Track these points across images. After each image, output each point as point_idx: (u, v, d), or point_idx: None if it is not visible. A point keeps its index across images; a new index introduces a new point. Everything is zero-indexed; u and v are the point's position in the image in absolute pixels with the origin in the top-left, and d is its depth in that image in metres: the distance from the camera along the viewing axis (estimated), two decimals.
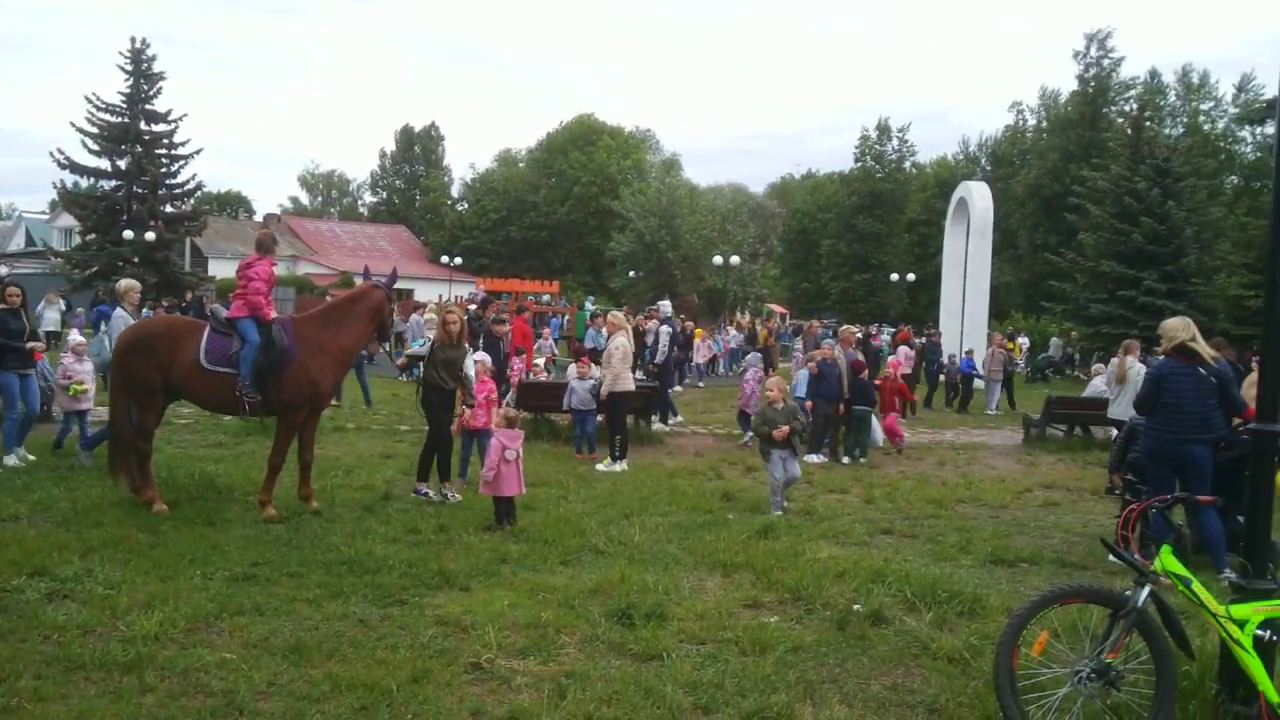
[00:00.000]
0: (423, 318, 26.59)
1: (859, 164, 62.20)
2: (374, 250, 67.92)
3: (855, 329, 19.08)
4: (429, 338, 23.63)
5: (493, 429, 9.98)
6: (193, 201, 46.83)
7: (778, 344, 36.01)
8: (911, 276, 55.75)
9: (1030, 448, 16.11)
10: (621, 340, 12.80)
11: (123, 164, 42.36)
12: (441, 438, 10.09)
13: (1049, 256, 41.78)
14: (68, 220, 51.29)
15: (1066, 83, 72.57)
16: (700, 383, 26.55)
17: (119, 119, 42.03)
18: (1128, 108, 48.22)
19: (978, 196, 29.45)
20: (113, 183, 42.77)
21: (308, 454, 9.17)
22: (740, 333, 34.61)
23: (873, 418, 14.38)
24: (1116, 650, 4.50)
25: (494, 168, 78.63)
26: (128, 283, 11.57)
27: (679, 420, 17.70)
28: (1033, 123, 59.12)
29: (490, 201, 71.35)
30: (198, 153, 43.84)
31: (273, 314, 8.99)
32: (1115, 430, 12.95)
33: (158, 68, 42.53)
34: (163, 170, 42.98)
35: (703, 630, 6.03)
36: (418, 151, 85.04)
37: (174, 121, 43.09)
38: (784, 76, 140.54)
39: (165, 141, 43.15)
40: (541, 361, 18.81)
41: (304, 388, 8.88)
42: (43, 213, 66.83)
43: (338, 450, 12.54)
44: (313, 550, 7.53)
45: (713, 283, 48.23)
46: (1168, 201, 34.06)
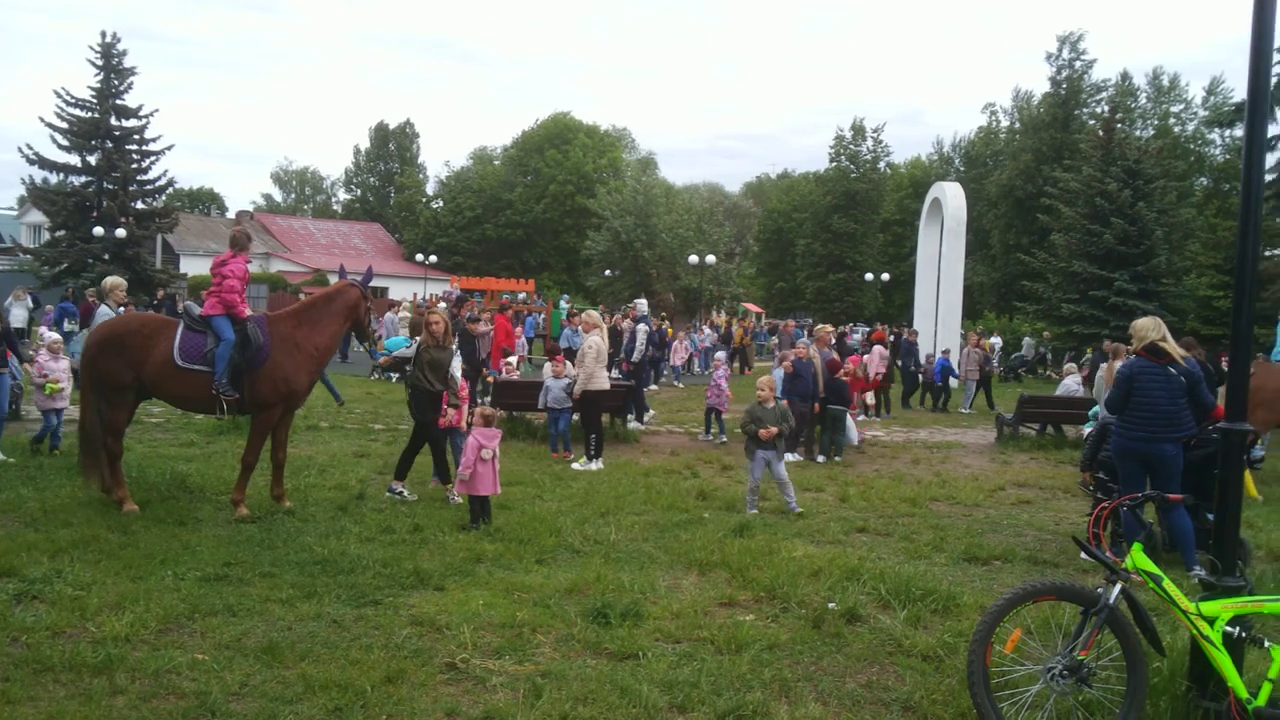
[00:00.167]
0: (397, 316, 26.51)
1: (834, 164, 62.40)
2: (348, 248, 67.54)
3: (830, 328, 19.13)
4: (405, 335, 23.58)
5: (463, 427, 9.98)
6: (164, 198, 46.35)
7: (753, 343, 36.13)
8: (886, 276, 56.07)
9: (1003, 446, 16.22)
10: (595, 339, 12.80)
11: (93, 160, 41.93)
12: (430, 439, 10.04)
13: (1021, 256, 42.16)
14: (37, 216, 50.63)
15: (1039, 85, 73.48)
16: (678, 382, 26.56)
17: (89, 114, 41.61)
18: (1099, 110, 48.65)
19: (951, 197, 29.65)
20: (83, 178, 42.33)
21: (281, 453, 9.11)
22: (714, 331, 34.65)
23: (848, 417, 14.44)
24: (1088, 647, 4.54)
25: (469, 165, 78.30)
26: (113, 280, 11.44)
27: (652, 416, 17.73)
28: (1006, 124, 59.58)
29: (465, 199, 71.07)
30: (169, 149, 43.58)
31: (248, 312, 8.93)
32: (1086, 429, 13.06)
33: (129, 62, 42.18)
34: (134, 166, 42.60)
35: (678, 629, 6.03)
36: (392, 149, 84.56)
37: (145, 117, 42.74)
38: (760, 77, 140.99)
39: (136, 137, 42.75)
40: (514, 360, 18.77)
41: (279, 386, 8.83)
42: (11, 209, 65.91)
43: (311, 449, 12.47)
44: (286, 550, 7.48)
45: (689, 282, 48.27)
46: (1138, 203, 34.44)
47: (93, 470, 8.66)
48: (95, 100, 41.58)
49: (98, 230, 39.32)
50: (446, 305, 27.40)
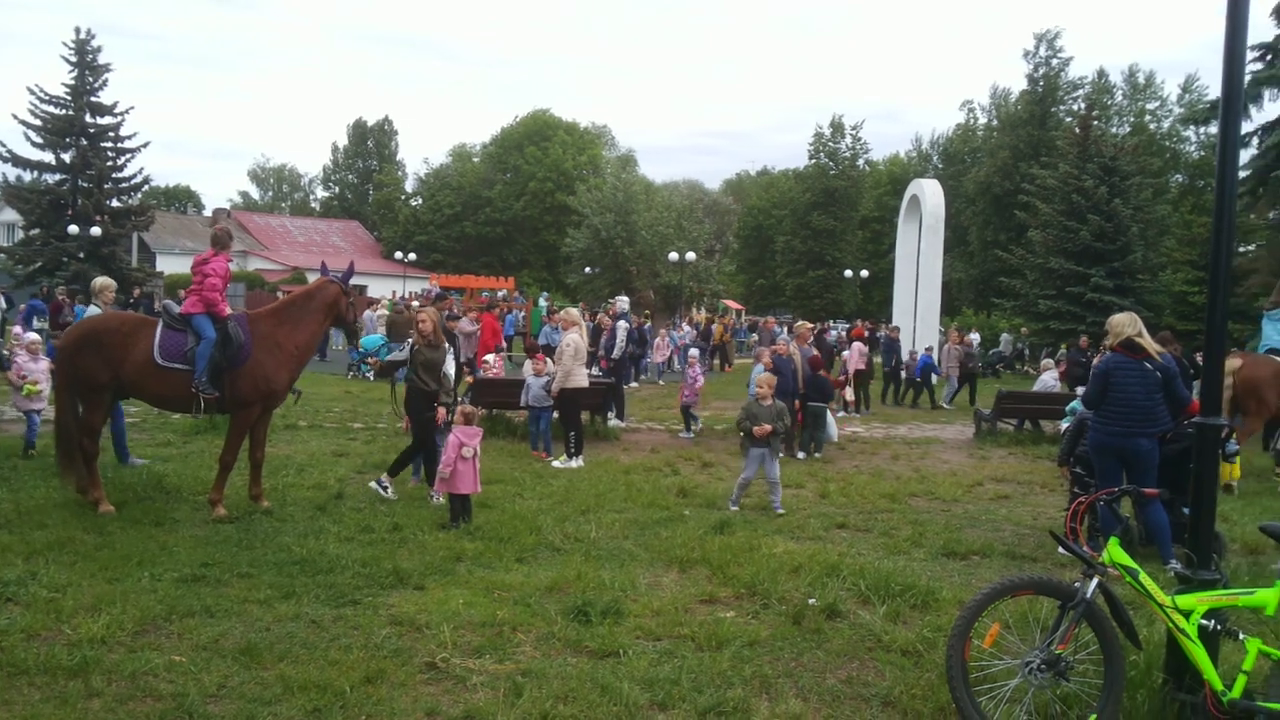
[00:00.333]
0: (375, 314, 26.40)
1: (813, 161, 62.46)
2: (326, 246, 67.11)
3: (809, 324, 19.17)
4: (382, 334, 23.45)
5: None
6: (140, 196, 45.99)
7: (733, 340, 36.14)
8: (865, 273, 56.22)
9: (981, 442, 16.31)
10: (573, 337, 12.77)
11: (67, 157, 41.62)
12: (425, 439, 9.98)
13: (999, 253, 42.40)
14: (10, 215, 50.14)
15: (1016, 82, 73.79)
16: (660, 379, 26.57)
17: (63, 111, 41.27)
18: (1076, 107, 49.02)
19: (930, 194, 29.80)
20: (57, 176, 41.99)
21: (259, 452, 9.06)
22: (692, 328, 34.61)
23: (828, 413, 14.48)
24: (1066, 641, 4.58)
25: (448, 163, 77.94)
26: (103, 281, 11.29)
27: (630, 419, 17.70)
28: (983, 121, 59.84)
29: (445, 196, 70.78)
30: (145, 146, 43.28)
31: (228, 310, 8.87)
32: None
33: (104, 59, 41.85)
34: (109, 164, 42.27)
35: (659, 626, 6.03)
36: (371, 146, 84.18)
37: (120, 114, 42.41)
38: (740, 74, 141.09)
39: (111, 134, 42.43)
40: (491, 358, 18.71)
41: (259, 385, 8.78)
42: None
43: (290, 448, 12.40)
44: (264, 550, 7.44)
45: (669, 279, 48.26)
46: (1114, 199, 34.71)
47: (68, 471, 8.58)
48: (70, 97, 41.24)
49: (73, 228, 38.99)
50: (420, 305, 27.33)
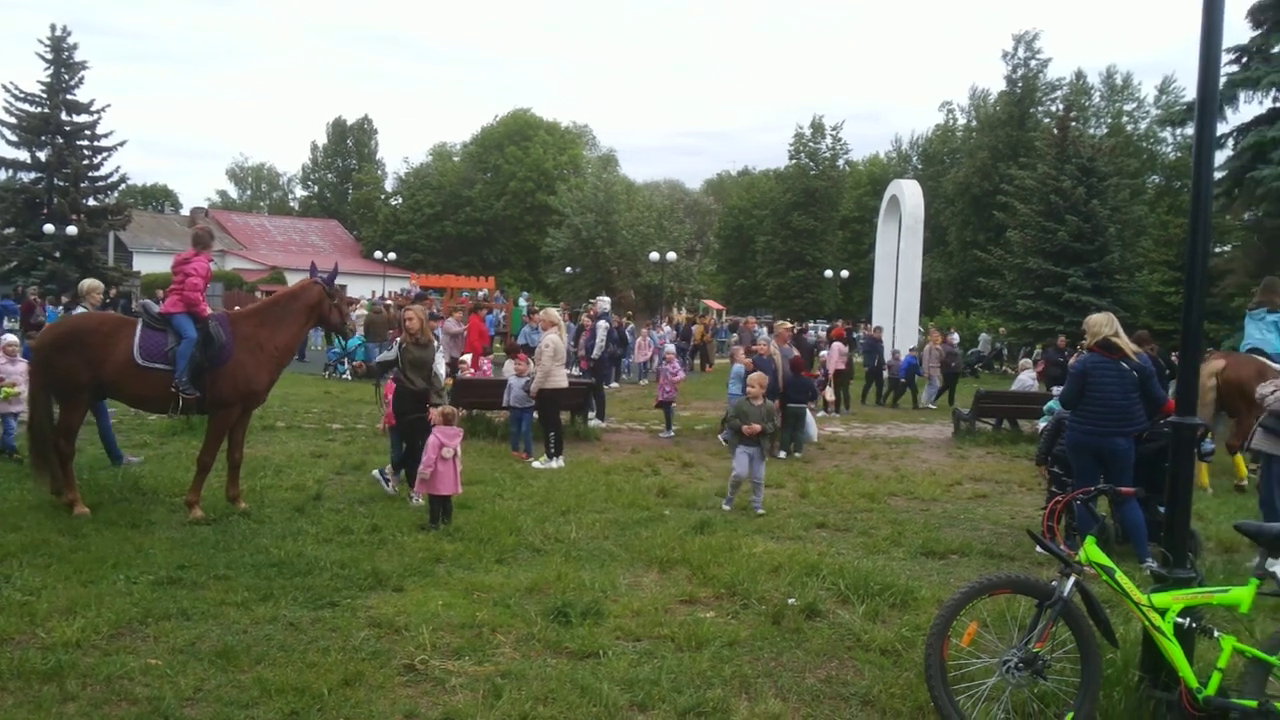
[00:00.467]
0: (355, 313, 26.31)
1: (794, 161, 62.69)
2: (305, 245, 66.82)
3: (789, 324, 19.21)
4: (361, 334, 23.33)
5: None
6: (116, 195, 45.71)
7: (714, 340, 36.14)
8: (845, 273, 56.44)
9: (960, 441, 16.39)
10: (553, 337, 12.74)
11: (43, 155, 41.32)
12: (415, 439, 9.87)
13: (978, 253, 42.69)
14: None
15: (995, 83, 74.25)
16: (643, 380, 26.55)
17: (39, 109, 40.98)
18: (1054, 108, 49.39)
19: (909, 194, 29.93)
20: (32, 175, 41.66)
21: (238, 453, 9.00)
22: (672, 328, 34.55)
23: (808, 413, 14.51)
24: (1043, 639, 4.60)
25: (428, 162, 77.80)
26: (91, 283, 11.16)
27: (610, 420, 17.68)
28: (963, 122, 60.29)
29: (425, 196, 70.60)
30: (121, 144, 43.09)
31: (209, 310, 8.80)
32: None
33: (79, 57, 41.56)
34: (85, 162, 41.99)
35: (639, 627, 6.03)
36: (350, 145, 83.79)
37: (96, 112, 42.13)
38: (720, 75, 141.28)
39: (87, 133, 42.15)
40: (468, 358, 18.66)
41: (240, 385, 8.73)
42: None
43: (268, 449, 12.32)
44: (241, 552, 7.38)
45: (650, 279, 48.25)
46: (1092, 200, 35.00)
47: (43, 472, 8.49)
48: (45, 95, 40.96)
49: (48, 228, 38.69)
50: (394, 305, 27.31)
